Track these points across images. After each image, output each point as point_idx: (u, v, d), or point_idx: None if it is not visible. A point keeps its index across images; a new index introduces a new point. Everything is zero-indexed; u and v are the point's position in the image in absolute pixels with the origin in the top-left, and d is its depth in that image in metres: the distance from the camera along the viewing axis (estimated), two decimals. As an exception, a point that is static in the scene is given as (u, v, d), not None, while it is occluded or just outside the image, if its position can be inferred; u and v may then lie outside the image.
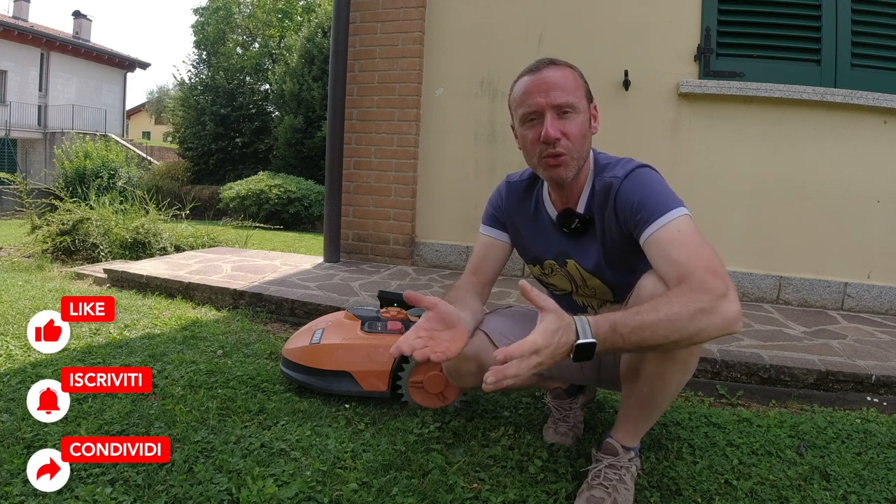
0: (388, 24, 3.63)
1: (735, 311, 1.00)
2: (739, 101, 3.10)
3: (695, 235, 1.11)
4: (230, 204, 10.08)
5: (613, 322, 1.00)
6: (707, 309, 0.99)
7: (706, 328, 0.99)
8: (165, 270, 3.19)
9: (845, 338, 2.43)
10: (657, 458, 1.42)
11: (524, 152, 1.27)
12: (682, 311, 0.99)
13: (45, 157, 17.51)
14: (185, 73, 23.45)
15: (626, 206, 1.20)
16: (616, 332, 0.99)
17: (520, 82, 1.24)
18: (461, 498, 1.21)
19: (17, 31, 18.42)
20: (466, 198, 3.59)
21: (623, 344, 1.00)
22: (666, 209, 1.14)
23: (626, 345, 1.01)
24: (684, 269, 1.05)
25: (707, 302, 0.99)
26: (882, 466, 1.42)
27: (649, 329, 0.99)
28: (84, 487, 1.17)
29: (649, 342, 1.00)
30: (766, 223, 3.14)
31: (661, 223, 1.13)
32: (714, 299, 0.99)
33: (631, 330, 0.99)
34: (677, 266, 1.07)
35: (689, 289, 1.01)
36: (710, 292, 1.00)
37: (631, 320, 1.00)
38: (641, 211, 1.16)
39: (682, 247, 1.09)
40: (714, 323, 0.99)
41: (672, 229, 1.11)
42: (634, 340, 1.00)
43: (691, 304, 0.99)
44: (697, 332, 0.99)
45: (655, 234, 1.13)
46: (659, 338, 0.99)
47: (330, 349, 1.71)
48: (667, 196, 1.17)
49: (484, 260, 1.44)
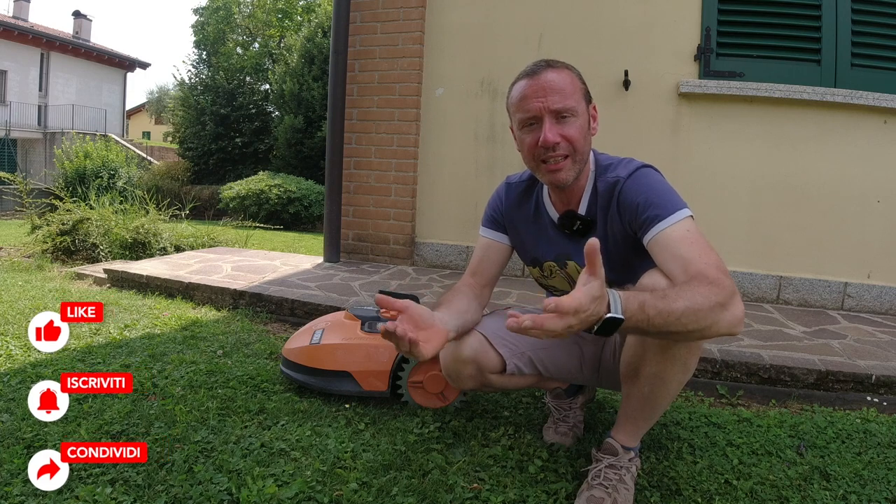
0: (388, 24, 3.63)
1: (742, 312, 1.02)
2: (739, 101, 3.10)
3: (701, 237, 1.12)
4: (230, 204, 10.07)
5: (642, 301, 0.98)
6: (724, 304, 1.00)
7: (718, 322, 1.00)
8: (165, 270, 3.19)
9: (845, 338, 2.43)
10: (657, 458, 1.42)
11: (523, 156, 1.27)
12: (705, 302, 0.99)
13: (45, 157, 17.51)
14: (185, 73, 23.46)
15: (630, 206, 1.19)
16: (644, 312, 0.97)
17: (517, 86, 1.23)
18: (461, 498, 1.21)
19: (17, 31, 18.42)
20: (466, 198, 3.59)
21: (646, 326, 0.98)
22: (673, 209, 1.14)
23: (649, 327, 0.99)
24: (698, 266, 1.06)
25: (724, 297, 1.00)
26: (882, 466, 1.42)
27: (674, 315, 0.98)
28: (84, 487, 1.17)
29: (670, 328, 0.99)
30: (766, 223, 3.14)
31: (669, 222, 1.13)
32: (730, 296, 1.01)
33: (658, 312, 0.98)
34: (689, 263, 1.07)
35: (708, 282, 1.02)
36: (727, 289, 1.01)
37: (659, 303, 0.98)
38: (648, 210, 1.16)
39: (693, 245, 1.09)
40: (725, 319, 1.00)
41: (681, 228, 1.12)
42: (658, 324, 0.98)
43: (712, 296, 1.00)
44: (710, 325, 1.00)
45: (664, 232, 1.13)
46: (679, 325, 0.98)
47: (330, 349, 1.71)
48: (672, 196, 1.17)
49: (483, 262, 1.44)
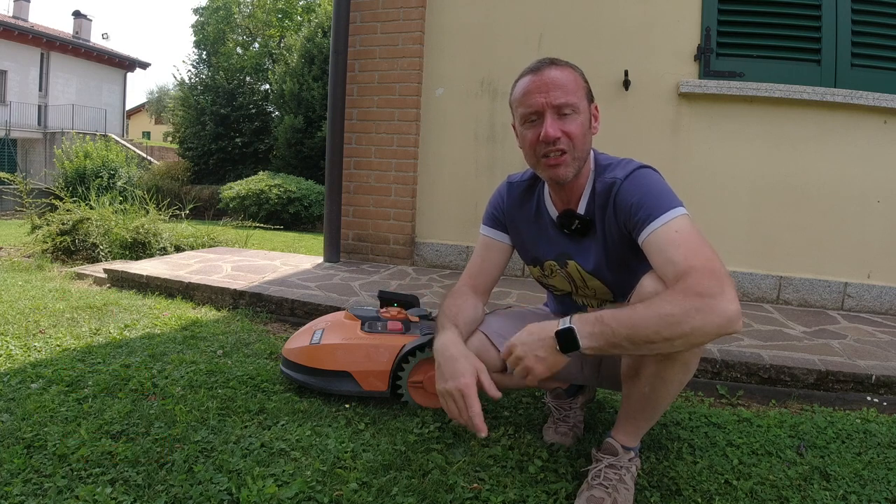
0: (388, 24, 3.63)
1: (733, 311, 0.99)
2: (739, 101, 3.10)
3: (693, 235, 1.10)
4: (230, 204, 10.07)
5: (599, 315, 1.03)
6: (701, 308, 0.99)
7: (702, 327, 0.99)
8: (165, 270, 3.19)
9: (845, 338, 2.43)
10: (657, 458, 1.42)
11: (524, 152, 1.27)
12: (675, 309, 0.99)
13: (45, 157, 17.51)
14: (185, 73, 23.48)
15: (625, 207, 1.20)
16: (603, 324, 1.02)
17: (520, 82, 1.24)
18: (461, 498, 1.21)
19: (17, 31, 18.42)
20: (466, 198, 3.59)
21: (614, 337, 1.02)
22: (664, 209, 1.14)
23: (618, 338, 1.02)
24: (681, 269, 1.05)
25: (701, 302, 0.99)
26: (882, 466, 1.42)
27: (640, 324, 1.00)
28: (84, 487, 1.17)
29: (642, 338, 1.01)
30: (766, 223, 3.14)
31: (659, 223, 1.13)
32: (708, 299, 0.99)
33: (620, 324, 1.01)
34: (675, 266, 1.07)
35: (683, 288, 1.02)
36: (705, 292, 1.00)
37: (620, 313, 1.02)
38: (640, 211, 1.16)
39: (681, 247, 1.09)
40: (710, 322, 0.99)
41: (670, 230, 1.11)
42: (625, 334, 1.01)
43: (685, 302, 0.99)
44: (692, 330, 0.99)
45: (654, 234, 1.13)
46: (651, 333, 1.00)
47: (330, 349, 1.71)
48: (665, 196, 1.17)
49: (484, 262, 1.44)
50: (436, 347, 1.23)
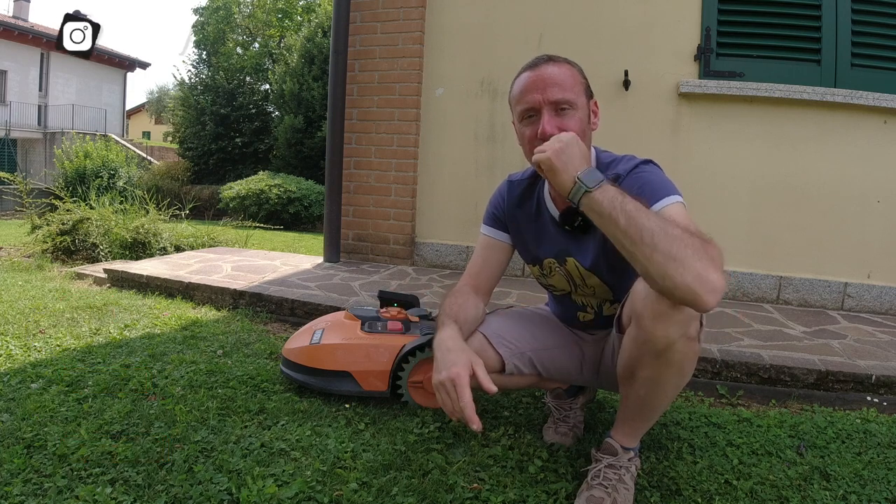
0: (388, 24, 3.63)
1: (720, 284, 0.94)
2: (739, 101, 3.10)
3: (688, 220, 1.08)
4: (230, 204, 10.07)
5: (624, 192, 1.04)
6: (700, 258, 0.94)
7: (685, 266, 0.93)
8: (165, 270, 3.19)
9: (845, 338, 2.43)
10: (657, 458, 1.42)
11: (524, 149, 1.27)
12: (682, 235, 0.96)
13: (45, 156, 17.50)
14: (185, 73, 23.48)
15: None
16: (622, 196, 1.01)
17: (519, 79, 1.25)
18: (461, 498, 1.21)
19: (17, 31, 18.40)
20: (466, 198, 3.59)
21: (618, 215, 1.00)
22: (659, 196, 1.14)
23: (622, 217, 0.99)
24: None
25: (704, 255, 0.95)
26: (882, 466, 1.42)
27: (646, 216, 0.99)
28: (84, 487, 1.17)
29: (637, 226, 0.98)
30: (766, 223, 3.14)
31: (656, 208, 1.12)
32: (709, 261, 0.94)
33: (636, 207, 1.00)
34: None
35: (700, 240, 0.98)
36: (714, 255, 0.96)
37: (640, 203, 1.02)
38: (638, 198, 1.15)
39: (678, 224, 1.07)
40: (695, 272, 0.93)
41: (664, 213, 1.10)
42: (629, 221, 0.99)
43: (693, 242, 0.96)
44: (678, 260, 0.94)
45: None
46: (649, 237, 0.96)
47: (330, 349, 1.71)
48: (663, 185, 1.17)
49: (485, 261, 1.44)
50: (435, 343, 1.22)
